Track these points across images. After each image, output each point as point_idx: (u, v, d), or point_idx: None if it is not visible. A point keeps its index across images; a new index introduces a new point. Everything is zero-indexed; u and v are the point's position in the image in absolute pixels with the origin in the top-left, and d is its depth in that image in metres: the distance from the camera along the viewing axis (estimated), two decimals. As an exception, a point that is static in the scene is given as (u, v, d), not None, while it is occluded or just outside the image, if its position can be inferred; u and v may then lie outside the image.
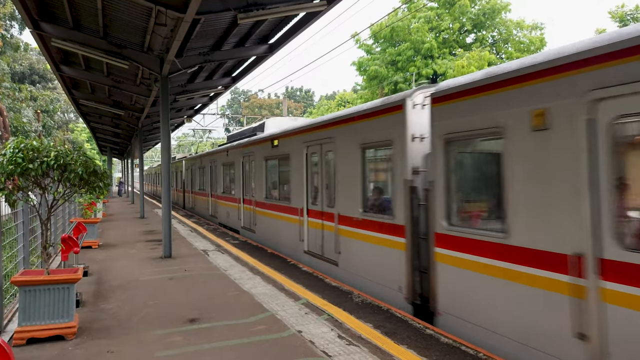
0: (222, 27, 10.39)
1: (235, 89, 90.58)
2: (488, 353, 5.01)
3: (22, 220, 7.80)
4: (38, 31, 9.88)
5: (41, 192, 5.87)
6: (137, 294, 7.67)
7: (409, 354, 5.01)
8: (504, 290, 5.03)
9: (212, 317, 6.34)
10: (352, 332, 5.67)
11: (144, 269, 9.71)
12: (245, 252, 11.69)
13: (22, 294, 5.42)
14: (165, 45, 10.48)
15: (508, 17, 32.18)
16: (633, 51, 3.84)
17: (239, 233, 15.64)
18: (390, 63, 32.50)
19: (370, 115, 7.79)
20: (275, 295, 7.41)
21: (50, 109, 44.29)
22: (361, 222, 7.98)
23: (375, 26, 32.19)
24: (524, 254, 4.79)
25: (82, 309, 6.74)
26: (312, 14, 9.48)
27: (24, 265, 7.66)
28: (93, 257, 11.12)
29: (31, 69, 47.75)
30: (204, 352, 5.12)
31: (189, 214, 24.36)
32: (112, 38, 10.89)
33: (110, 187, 8.41)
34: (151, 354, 5.07)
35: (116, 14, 9.61)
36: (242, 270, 9.37)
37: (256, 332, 5.72)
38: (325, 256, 9.36)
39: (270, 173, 13.09)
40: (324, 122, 9.63)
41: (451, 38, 32.08)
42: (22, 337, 5.37)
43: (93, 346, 5.33)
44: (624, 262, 3.84)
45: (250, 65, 13.80)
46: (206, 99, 19.54)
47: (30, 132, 36.61)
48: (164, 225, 11.20)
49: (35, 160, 5.42)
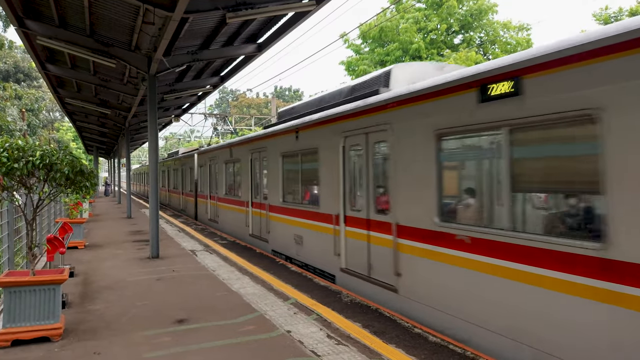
0: (211, 26, 10.35)
1: (224, 89, 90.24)
2: (475, 351, 5.06)
3: (6, 220, 7.70)
4: (23, 29, 9.74)
5: (26, 192, 5.79)
6: (124, 294, 7.61)
7: (397, 352, 5.03)
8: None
9: (200, 317, 6.31)
10: (341, 332, 5.68)
11: (132, 269, 9.63)
12: (233, 252, 11.65)
13: (7, 295, 5.35)
14: (153, 44, 10.40)
15: (495, 18, 32.47)
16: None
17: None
18: (379, 63, 32.60)
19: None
20: (264, 295, 7.40)
21: (36, 107, 43.74)
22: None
23: (364, 26, 32.28)
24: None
25: (68, 310, 6.67)
26: (301, 13, 9.47)
27: (8, 266, 7.56)
28: (79, 257, 11.00)
29: (16, 67, 47.11)
30: (193, 352, 5.09)
31: (209, 229, 17.06)
32: (98, 36, 10.79)
33: (97, 187, 8.32)
34: (139, 355, 5.04)
35: (103, 12, 9.51)
36: (231, 271, 9.34)
37: (245, 332, 5.71)
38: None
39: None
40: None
41: (439, 39, 32.27)
42: (7, 339, 5.30)
43: (80, 347, 5.28)
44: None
45: (238, 64, 13.75)
46: (194, 98, 19.44)
47: (15, 131, 36.10)
48: (152, 225, 11.11)
49: (21, 159, 5.35)
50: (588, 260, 4.17)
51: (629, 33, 3.91)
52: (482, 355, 4.94)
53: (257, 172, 13.11)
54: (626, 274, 3.88)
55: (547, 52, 4.60)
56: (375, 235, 7.34)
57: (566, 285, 4.36)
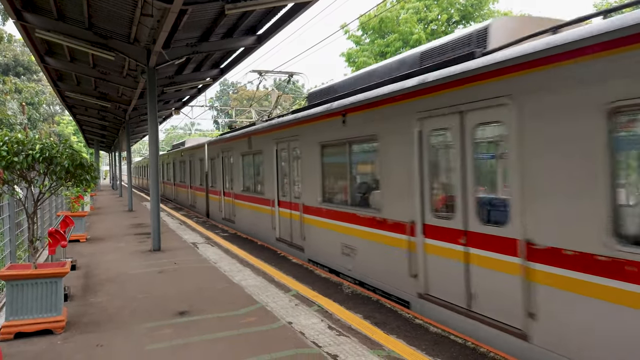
0: (210, 18, 10.29)
1: (224, 81, 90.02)
2: (476, 342, 5.07)
3: (8, 214, 7.71)
4: (22, 22, 9.70)
5: (27, 186, 5.80)
6: (126, 287, 7.64)
7: (398, 343, 5.05)
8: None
9: (202, 309, 6.34)
10: (342, 323, 5.70)
11: (133, 262, 9.66)
12: (235, 244, 11.67)
13: (9, 288, 5.37)
14: (151, 37, 10.36)
15: (496, 8, 32.29)
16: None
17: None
18: (380, 54, 32.46)
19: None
20: (265, 287, 7.42)
21: (36, 101, 43.68)
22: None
23: (364, 17, 32.11)
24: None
25: (70, 303, 6.70)
26: (300, 4, 9.41)
27: (10, 260, 7.58)
28: (81, 250, 11.03)
29: (15, 60, 46.99)
30: (194, 344, 5.12)
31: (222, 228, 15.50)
32: (97, 29, 10.74)
33: (97, 180, 8.30)
34: (141, 347, 5.06)
35: (101, 4, 9.46)
36: (232, 263, 9.36)
37: (246, 324, 5.73)
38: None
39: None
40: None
41: (439, 29, 32.11)
42: (10, 332, 5.33)
43: (82, 340, 5.30)
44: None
45: (238, 56, 13.70)
46: (194, 91, 19.39)
47: (15, 125, 36.08)
48: (153, 218, 11.13)
49: (21, 153, 5.35)
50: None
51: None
52: (483, 345, 4.96)
53: (284, 166, 11.18)
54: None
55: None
56: (481, 255, 5.37)
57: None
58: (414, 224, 6.40)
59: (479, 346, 4.94)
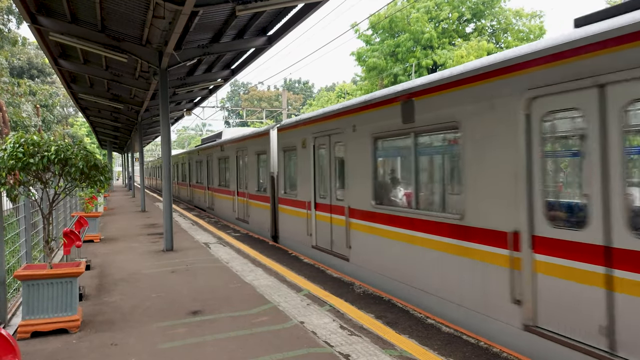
0: (221, 20, 10.35)
1: (235, 81, 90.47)
2: (487, 341, 5.05)
3: (23, 214, 7.82)
4: (36, 25, 9.84)
5: (42, 187, 5.88)
6: (139, 287, 7.71)
7: (410, 343, 5.04)
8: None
9: (214, 309, 6.38)
10: (354, 323, 5.70)
11: (146, 262, 9.74)
12: (246, 244, 11.72)
13: (26, 288, 5.45)
14: (163, 38, 10.45)
15: (507, 6, 32.05)
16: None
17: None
18: (390, 54, 32.37)
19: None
20: (277, 287, 7.45)
21: (50, 103, 44.17)
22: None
23: (374, 16, 32.03)
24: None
25: (85, 302, 6.78)
26: (311, 4, 9.43)
27: (26, 260, 7.69)
28: (95, 250, 11.16)
29: (30, 63, 47.57)
30: (207, 343, 5.16)
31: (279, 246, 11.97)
32: (110, 31, 10.86)
33: (110, 180, 8.39)
34: (154, 345, 5.11)
35: (114, 7, 9.57)
36: (244, 263, 9.40)
37: (259, 323, 5.76)
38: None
39: None
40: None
41: (450, 28, 31.94)
42: (26, 331, 5.41)
43: (97, 339, 5.37)
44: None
45: (249, 57, 13.76)
46: (205, 92, 19.51)
47: (29, 127, 36.53)
48: (165, 219, 11.22)
49: (36, 154, 5.42)
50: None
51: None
52: (495, 346, 4.93)
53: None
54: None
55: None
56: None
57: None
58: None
59: (492, 346, 4.91)
